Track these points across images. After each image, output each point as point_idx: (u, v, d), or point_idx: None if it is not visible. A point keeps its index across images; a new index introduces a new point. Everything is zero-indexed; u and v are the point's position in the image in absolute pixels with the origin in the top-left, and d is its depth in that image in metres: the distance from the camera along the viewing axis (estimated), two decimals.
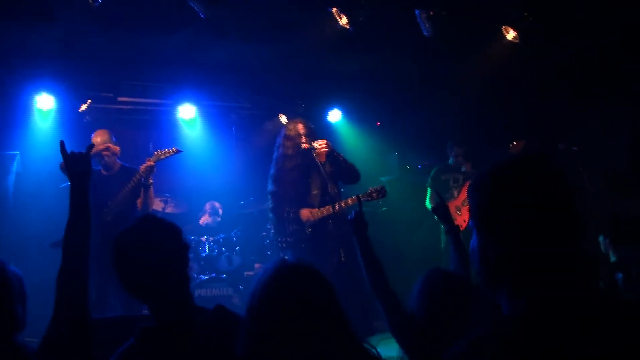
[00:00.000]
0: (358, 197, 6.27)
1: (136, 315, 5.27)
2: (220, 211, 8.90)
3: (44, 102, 7.87)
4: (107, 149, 6.55)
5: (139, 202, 6.49)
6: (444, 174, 8.34)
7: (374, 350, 2.32)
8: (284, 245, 6.60)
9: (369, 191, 6.38)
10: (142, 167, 6.42)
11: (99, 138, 6.53)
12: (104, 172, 6.60)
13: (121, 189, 6.46)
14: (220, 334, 2.52)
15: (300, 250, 6.52)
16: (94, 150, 6.41)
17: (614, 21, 6.98)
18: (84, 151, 2.86)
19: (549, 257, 1.55)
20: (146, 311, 2.70)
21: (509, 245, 1.57)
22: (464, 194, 8.10)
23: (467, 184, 7.94)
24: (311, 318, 2.16)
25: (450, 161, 8.35)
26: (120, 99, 8.57)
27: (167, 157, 6.60)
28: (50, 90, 7.86)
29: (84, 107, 8.14)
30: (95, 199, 5.66)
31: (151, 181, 6.49)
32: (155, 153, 6.53)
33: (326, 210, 6.40)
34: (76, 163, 2.79)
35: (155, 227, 2.62)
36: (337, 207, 6.24)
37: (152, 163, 6.44)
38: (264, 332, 2.16)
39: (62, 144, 2.90)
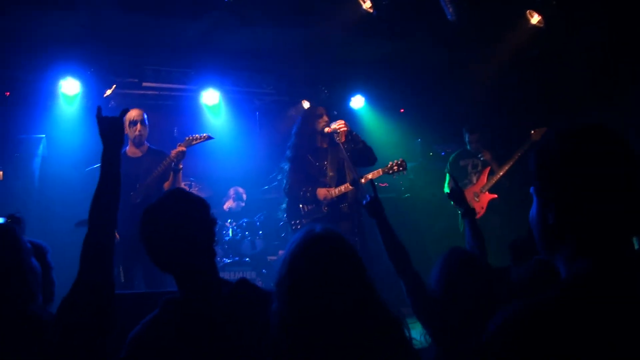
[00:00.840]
0: (380, 170, 6.36)
1: (160, 290, 5.34)
2: (244, 196, 8.95)
3: (70, 87, 7.92)
4: (143, 121, 6.63)
5: (167, 185, 6.53)
6: (462, 160, 8.36)
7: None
8: (298, 227, 6.63)
9: (389, 165, 6.40)
10: (174, 152, 6.43)
11: (134, 112, 6.62)
12: (131, 154, 6.63)
13: (149, 171, 6.51)
14: (243, 306, 2.57)
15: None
16: (128, 118, 6.57)
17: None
18: (118, 116, 2.88)
19: (614, 216, 1.57)
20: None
21: (574, 206, 1.59)
22: (483, 180, 8.11)
23: (487, 170, 8.10)
24: (340, 285, 2.20)
25: (469, 147, 8.35)
26: (144, 84, 8.61)
27: (198, 143, 6.61)
28: (75, 75, 7.91)
29: (108, 92, 8.20)
30: (123, 180, 5.73)
31: (181, 166, 6.51)
32: (187, 138, 6.53)
33: (344, 187, 6.43)
34: (110, 127, 2.80)
35: (184, 199, 2.67)
36: (356, 182, 6.31)
37: (183, 148, 6.45)
38: (295, 301, 2.20)
39: (99, 109, 2.93)
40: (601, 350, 1.42)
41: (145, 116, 6.73)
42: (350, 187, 6.35)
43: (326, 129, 6.49)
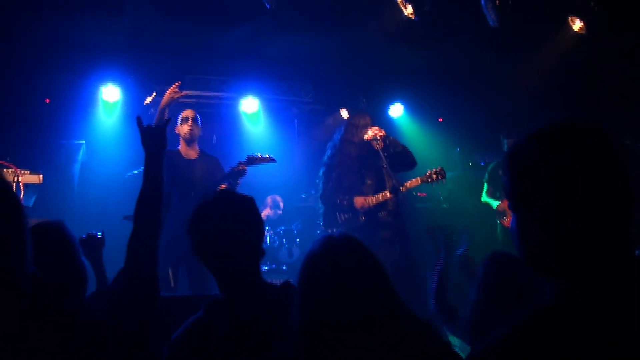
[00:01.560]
0: (419, 179, 6.28)
1: (204, 294, 5.33)
2: (282, 204, 8.93)
3: (110, 94, 8.01)
4: (195, 119, 6.52)
5: None
6: (501, 169, 8.15)
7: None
8: None
9: (427, 173, 6.32)
10: (234, 169, 6.27)
11: (186, 111, 6.59)
12: (185, 155, 6.50)
13: (205, 175, 6.41)
14: (287, 309, 2.47)
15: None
16: (180, 117, 6.52)
17: None
18: (160, 125, 2.90)
19: (596, 240, 1.39)
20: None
21: (551, 226, 1.41)
22: None
23: None
24: (357, 293, 2.15)
25: None
26: (184, 92, 8.64)
27: (260, 164, 6.51)
28: (116, 81, 8.01)
29: (148, 99, 8.21)
30: (181, 180, 5.66)
31: (239, 182, 6.40)
32: (249, 157, 6.39)
33: (382, 196, 6.34)
34: (153, 136, 2.84)
35: (234, 197, 2.66)
36: (396, 189, 6.22)
37: (244, 167, 6.34)
38: (313, 305, 2.18)
39: (139, 119, 2.94)
40: None
41: (198, 116, 6.60)
42: (389, 195, 6.27)
43: (366, 137, 6.43)
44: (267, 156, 6.44)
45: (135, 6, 6.77)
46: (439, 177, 6.31)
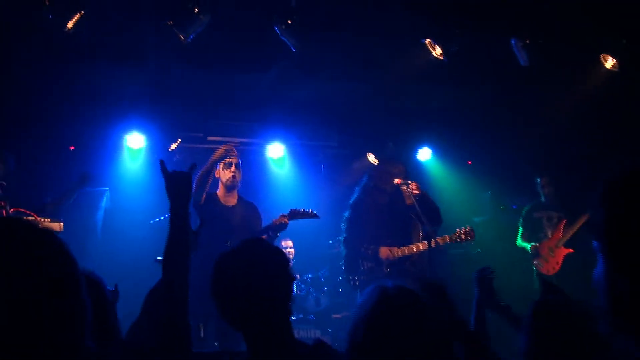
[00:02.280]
0: (447, 237, 6.11)
1: (233, 350, 5.15)
2: (289, 251, 8.52)
3: (134, 141, 7.99)
4: (238, 164, 6.25)
5: None
6: (537, 212, 8.07)
7: None
8: (356, 283, 6.36)
9: (457, 232, 6.19)
10: (276, 222, 6.18)
11: (234, 158, 6.24)
12: (223, 201, 6.29)
13: (245, 222, 6.22)
14: None
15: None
16: (222, 160, 6.17)
17: None
18: (186, 170, 2.77)
19: None
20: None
21: None
22: (558, 234, 7.80)
23: (563, 222, 7.78)
24: (420, 347, 1.99)
25: (543, 199, 8.08)
26: (210, 138, 8.61)
27: (302, 218, 6.34)
28: (140, 129, 7.98)
29: (174, 146, 8.18)
30: (219, 227, 5.48)
31: (278, 235, 6.29)
32: (292, 211, 6.23)
33: (408, 249, 6.21)
34: (177, 182, 2.69)
35: (261, 251, 2.48)
36: (416, 248, 6.10)
37: (286, 221, 6.15)
38: None
39: (162, 163, 2.79)
40: None
41: (241, 162, 6.38)
42: (422, 246, 6.07)
43: (396, 180, 6.27)
44: (311, 211, 6.29)
45: (157, 55, 6.76)
46: (468, 238, 6.21)
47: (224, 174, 6.24)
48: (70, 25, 5.69)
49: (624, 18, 6.27)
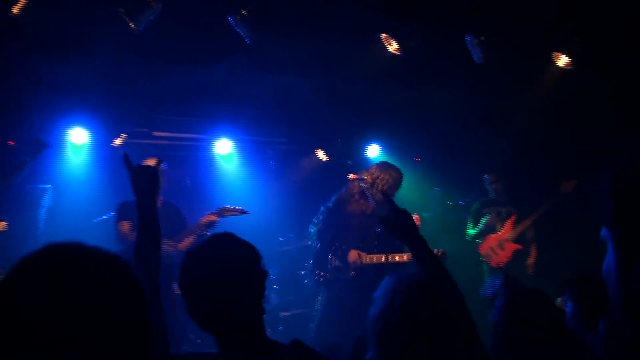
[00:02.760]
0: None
1: (205, 352, 5.02)
2: None
3: (78, 136, 7.66)
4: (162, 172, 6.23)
5: (184, 243, 6.19)
6: (485, 208, 8.15)
7: None
8: (321, 279, 6.25)
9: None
10: (204, 220, 6.08)
11: (150, 162, 6.20)
12: None
13: (167, 226, 6.12)
14: None
15: (336, 290, 6.20)
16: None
17: None
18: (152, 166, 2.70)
19: None
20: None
21: None
22: (508, 229, 7.88)
23: (513, 217, 7.87)
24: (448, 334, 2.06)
25: (492, 195, 8.18)
26: (155, 133, 8.36)
27: (231, 215, 6.21)
28: (84, 124, 7.66)
29: (118, 141, 7.92)
30: None
31: (208, 233, 6.18)
32: (220, 208, 6.16)
33: (376, 258, 6.04)
34: (144, 177, 2.63)
35: (233, 244, 2.35)
36: (390, 258, 5.94)
37: (215, 218, 6.11)
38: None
39: (126, 157, 2.70)
40: None
41: (165, 167, 6.36)
42: (382, 260, 5.96)
43: (350, 175, 6.19)
44: (239, 208, 6.20)
45: (104, 45, 6.47)
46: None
47: None
48: (15, 10, 5.37)
49: (577, 17, 6.32)
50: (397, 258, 5.93)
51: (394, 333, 2.05)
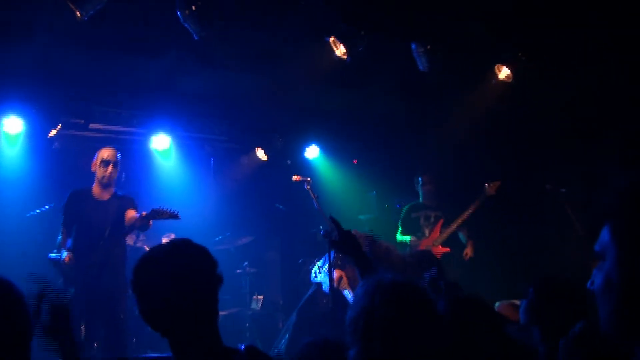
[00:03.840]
0: None
1: (153, 356, 4.97)
2: None
3: (12, 125, 7.38)
4: (116, 163, 6.27)
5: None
6: (414, 212, 8.20)
7: None
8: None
9: None
10: (138, 221, 5.99)
11: (107, 151, 6.28)
12: (97, 196, 6.22)
13: (117, 218, 6.12)
14: None
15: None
16: (100, 157, 6.19)
17: (609, 63, 6.91)
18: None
19: None
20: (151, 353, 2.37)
21: None
22: (435, 233, 7.95)
23: (440, 222, 7.94)
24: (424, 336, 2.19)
25: (421, 199, 8.24)
26: (91, 125, 8.12)
27: (162, 218, 6.11)
28: (19, 113, 7.38)
29: (53, 132, 7.69)
30: (91, 224, 5.42)
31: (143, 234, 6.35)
32: (153, 210, 5.98)
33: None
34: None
35: (187, 249, 2.34)
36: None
37: (148, 223, 6.01)
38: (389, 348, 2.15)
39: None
40: None
41: (119, 157, 6.34)
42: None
43: (294, 177, 6.24)
44: (171, 211, 6.11)
45: (44, 32, 6.26)
46: None
47: (100, 171, 6.22)
48: None
49: (520, 30, 6.50)
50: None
51: (378, 328, 2.17)
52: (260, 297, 8.35)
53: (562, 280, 3.30)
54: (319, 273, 6.63)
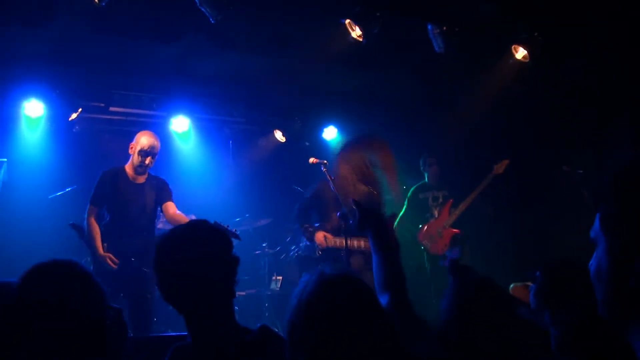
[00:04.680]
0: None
1: (172, 334, 5.06)
2: None
3: (33, 109, 7.49)
4: (154, 155, 6.29)
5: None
6: (422, 193, 8.08)
7: None
8: (295, 255, 6.42)
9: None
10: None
11: (149, 140, 6.25)
12: (132, 179, 6.24)
13: (152, 198, 6.26)
14: (264, 357, 2.31)
15: (305, 268, 6.40)
16: (140, 145, 6.18)
17: (623, 44, 6.86)
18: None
19: None
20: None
21: None
22: (445, 215, 7.84)
23: (449, 203, 7.84)
24: (359, 333, 1.90)
25: (427, 179, 8.13)
26: (112, 109, 8.24)
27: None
28: (40, 96, 7.48)
29: (74, 116, 7.80)
30: (130, 204, 5.49)
31: None
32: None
33: (339, 242, 6.22)
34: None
35: (205, 231, 2.43)
36: (349, 243, 6.08)
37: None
38: (310, 353, 1.90)
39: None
40: None
41: (159, 149, 6.38)
42: (344, 245, 6.07)
43: (311, 160, 6.26)
44: (233, 231, 6.24)
45: (67, 14, 6.32)
46: None
47: (137, 159, 6.20)
48: None
49: (537, 10, 6.46)
50: (355, 244, 6.12)
51: (299, 330, 1.95)
52: (279, 277, 8.43)
53: (570, 263, 3.33)
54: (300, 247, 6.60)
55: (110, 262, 5.81)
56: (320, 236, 6.29)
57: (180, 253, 2.34)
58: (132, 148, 6.21)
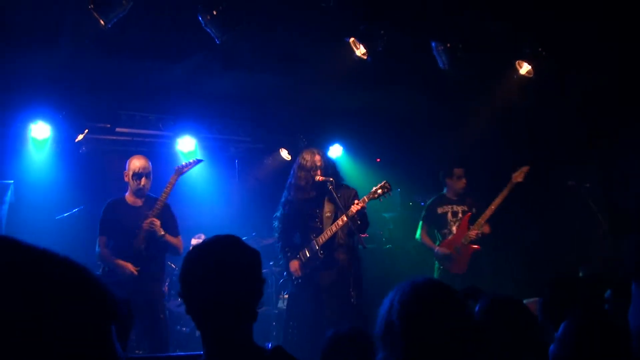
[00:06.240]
0: (365, 198, 6.19)
1: (183, 354, 5.07)
2: None
3: (40, 131, 7.55)
4: (148, 175, 6.30)
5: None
6: (440, 207, 7.68)
7: None
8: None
9: (373, 190, 6.38)
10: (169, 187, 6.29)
11: (140, 162, 6.25)
12: (131, 202, 6.28)
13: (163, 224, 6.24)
14: None
15: (292, 287, 6.61)
16: (132, 169, 6.18)
17: (626, 58, 6.87)
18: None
19: None
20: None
21: None
22: (464, 230, 7.42)
23: (467, 217, 7.50)
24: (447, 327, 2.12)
25: (445, 191, 7.77)
26: (118, 129, 8.28)
27: (189, 169, 6.50)
28: (46, 118, 7.54)
29: (80, 137, 7.84)
30: (124, 228, 5.50)
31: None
32: (177, 168, 6.40)
33: (324, 236, 6.29)
34: None
35: (234, 247, 2.36)
36: (335, 227, 6.20)
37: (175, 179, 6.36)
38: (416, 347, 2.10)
39: None
40: None
41: (151, 166, 6.36)
42: (339, 224, 6.19)
43: (317, 178, 6.27)
44: (194, 160, 6.59)
45: (72, 38, 6.37)
46: (385, 191, 6.33)
47: (133, 183, 6.24)
48: None
49: (540, 25, 6.49)
50: (340, 222, 6.21)
51: (396, 335, 2.11)
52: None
53: (575, 279, 3.34)
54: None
55: (131, 267, 5.89)
56: (293, 265, 6.44)
57: (205, 263, 2.29)
58: (126, 175, 6.25)
